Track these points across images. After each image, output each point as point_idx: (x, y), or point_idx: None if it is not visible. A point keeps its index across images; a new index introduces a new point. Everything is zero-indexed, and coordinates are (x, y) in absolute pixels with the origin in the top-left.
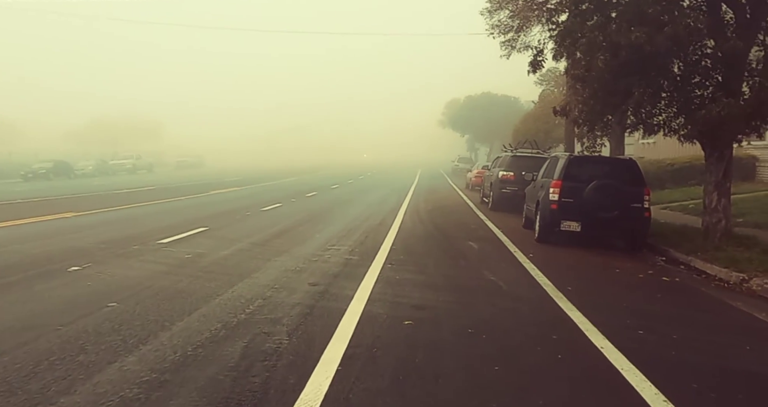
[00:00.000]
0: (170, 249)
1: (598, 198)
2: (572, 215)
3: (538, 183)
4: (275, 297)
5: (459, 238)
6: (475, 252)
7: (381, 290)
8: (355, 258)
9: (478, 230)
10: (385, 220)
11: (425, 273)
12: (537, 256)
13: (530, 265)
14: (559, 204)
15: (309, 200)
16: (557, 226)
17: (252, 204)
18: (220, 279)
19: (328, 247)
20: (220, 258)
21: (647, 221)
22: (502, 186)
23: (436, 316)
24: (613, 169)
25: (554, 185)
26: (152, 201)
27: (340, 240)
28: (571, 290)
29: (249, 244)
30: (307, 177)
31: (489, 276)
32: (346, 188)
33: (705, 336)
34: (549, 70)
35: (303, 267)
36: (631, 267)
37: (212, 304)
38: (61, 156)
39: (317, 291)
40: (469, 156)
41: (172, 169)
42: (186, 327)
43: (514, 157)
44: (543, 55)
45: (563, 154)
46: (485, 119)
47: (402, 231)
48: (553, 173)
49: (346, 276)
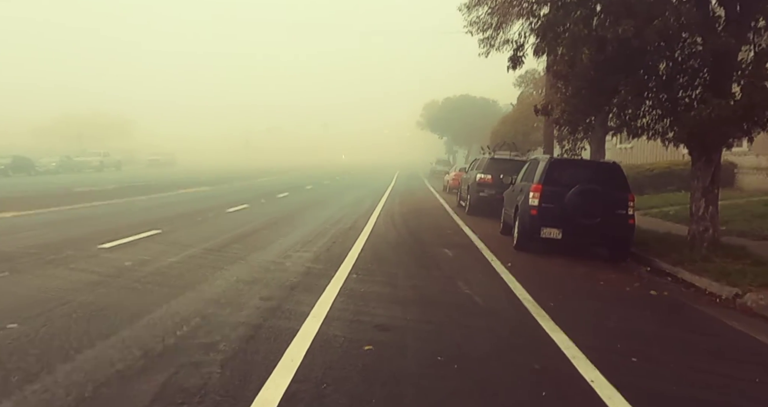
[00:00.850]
0: (109, 256)
1: (581, 203)
2: (553, 221)
3: (517, 187)
4: (217, 315)
5: (433, 245)
6: (450, 261)
7: (342, 306)
8: (319, 267)
9: (454, 236)
10: (357, 224)
11: (394, 284)
12: (516, 266)
13: (509, 276)
14: (539, 209)
15: (279, 201)
16: (537, 233)
17: (218, 205)
18: (158, 292)
19: (290, 254)
20: (165, 266)
21: (632, 229)
22: (479, 189)
23: (401, 339)
24: (595, 173)
25: (534, 189)
26: (110, 200)
27: (304, 246)
28: (554, 306)
29: (202, 250)
30: (282, 177)
31: (464, 289)
32: (321, 189)
33: (706, 366)
34: (528, 71)
35: (257, 278)
36: (616, 279)
37: (138, 325)
38: (27, 152)
39: (268, 307)
40: (448, 158)
41: (142, 168)
42: (96, 356)
43: (492, 160)
44: (523, 50)
45: (544, 156)
46: (463, 121)
47: (373, 236)
48: (533, 177)
49: (304, 288)
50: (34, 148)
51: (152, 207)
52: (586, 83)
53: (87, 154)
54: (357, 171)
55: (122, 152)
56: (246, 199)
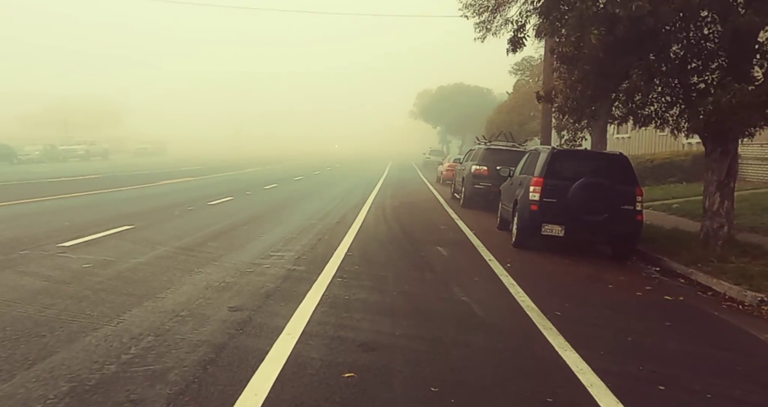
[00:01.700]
0: (68, 256)
1: (585, 198)
2: (555, 217)
3: (515, 179)
4: (175, 332)
5: (426, 242)
6: (445, 261)
7: (322, 318)
8: (300, 269)
9: (449, 232)
10: (346, 218)
11: (382, 290)
12: (516, 266)
13: (509, 279)
14: (540, 204)
15: (266, 193)
16: (537, 230)
17: (200, 196)
18: (112, 302)
19: (270, 254)
20: (128, 269)
21: (639, 225)
22: (474, 181)
23: (388, 363)
24: (601, 166)
25: (535, 183)
26: (87, 191)
27: (287, 244)
28: (561, 316)
29: (174, 249)
30: (272, 167)
31: (460, 296)
32: (311, 180)
33: (748, 396)
34: (524, 58)
35: (230, 283)
36: (625, 281)
37: (78, 346)
38: (14, 140)
39: (237, 320)
40: (441, 148)
41: (130, 157)
42: (6, 394)
43: (488, 150)
44: (524, 32)
45: (544, 147)
46: (457, 111)
47: (362, 232)
48: (533, 169)
49: (282, 295)
50: (22, 136)
51: (129, 200)
52: (594, 67)
53: (72, 143)
54: (349, 161)
55: (110, 141)
56: (231, 190)
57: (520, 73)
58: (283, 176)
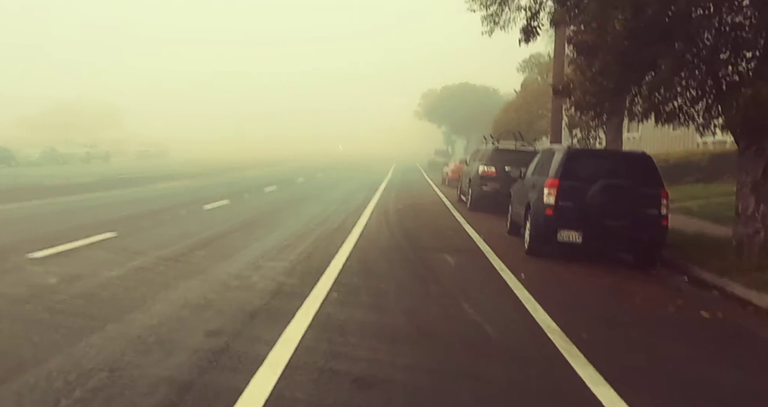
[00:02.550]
0: (36, 269)
1: (606, 201)
2: (572, 223)
3: (527, 181)
4: (135, 366)
5: (432, 250)
6: (452, 272)
7: (312, 343)
8: (292, 283)
9: (455, 237)
10: (346, 223)
11: (383, 308)
12: (531, 277)
13: (524, 293)
14: (555, 209)
15: (265, 196)
16: (553, 236)
17: (195, 200)
18: (70, 326)
19: (261, 264)
20: (98, 284)
21: (665, 231)
22: (482, 183)
23: (386, 405)
24: (622, 166)
25: (549, 185)
26: (77, 195)
27: (281, 253)
28: (588, 339)
29: (156, 259)
30: (274, 169)
31: (470, 314)
32: (313, 182)
33: None
34: (532, 55)
35: (211, 300)
36: (653, 293)
37: (6, 390)
38: (16, 143)
39: (212, 348)
40: (446, 149)
41: (131, 159)
42: None
43: (495, 151)
44: (538, 20)
45: (559, 146)
46: (462, 110)
47: (363, 239)
48: (547, 170)
49: (268, 315)
50: (23, 139)
51: (120, 204)
52: (617, 56)
53: (73, 145)
54: (353, 162)
55: (111, 143)
56: (229, 193)
57: (528, 70)
58: (284, 178)
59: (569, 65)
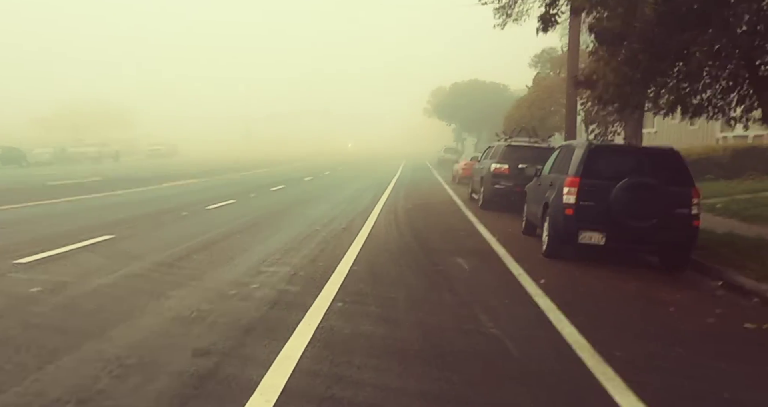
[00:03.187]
0: (19, 276)
1: (631, 201)
2: (594, 223)
3: (544, 179)
4: (107, 395)
5: (444, 252)
6: (466, 277)
7: (312, 365)
8: (294, 291)
9: (468, 238)
10: (354, 224)
11: (392, 320)
12: (551, 283)
13: (546, 301)
14: (576, 208)
15: (271, 196)
16: (573, 238)
17: (200, 200)
18: (44, 344)
19: (262, 269)
20: (84, 293)
21: (695, 232)
22: (494, 181)
23: None
24: (648, 163)
25: (569, 183)
26: (80, 195)
27: (284, 256)
28: (622, 358)
29: (151, 265)
30: (282, 168)
31: (489, 327)
32: (320, 181)
33: None
34: (545, 50)
35: (204, 312)
36: (687, 302)
37: None
38: (28, 143)
39: (199, 371)
40: (456, 146)
41: (142, 158)
42: None
43: (508, 147)
44: (557, 7)
45: (580, 142)
46: (472, 107)
47: (371, 240)
48: (566, 167)
49: (265, 329)
50: (35, 139)
51: (122, 204)
52: (645, 45)
53: (83, 145)
54: (362, 160)
55: (122, 142)
56: (235, 192)
57: (540, 65)
58: (292, 177)
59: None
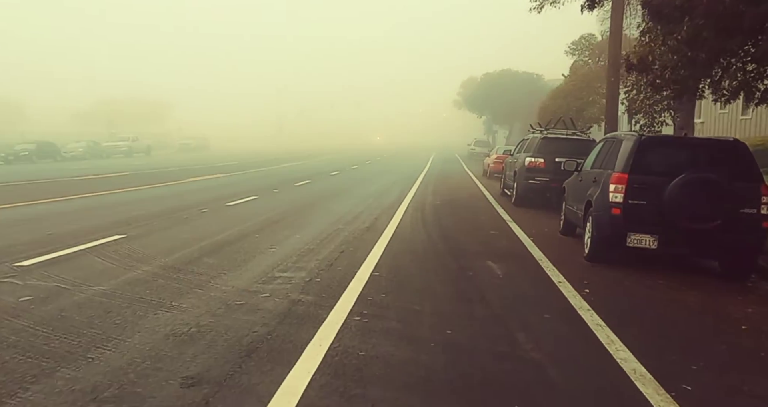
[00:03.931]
0: (13, 282)
1: (689, 199)
2: (645, 225)
3: (586, 175)
4: None
5: (474, 255)
6: (500, 285)
7: (318, 400)
8: (308, 300)
9: (501, 239)
10: (378, 222)
11: (415, 339)
12: (597, 293)
13: (592, 316)
14: (624, 208)
15: (295, 191)
16: (621, 241)
17: (222, 196)
18: (12, 368)
19: (275, 274)
20: (77, 303)
21: (764, 235)
22: (529, 175)
23: None
24: (707, 156)
25: (616, 180)
26: (104, 191)
27: (301, 259)
28: (695, 394)
29: (157, 269)
30: (310, 162)
31: (528, 349)
32: (347, 175)
33: None
34: (583, 36)
35: (204, 328)
36: (760, 317)
37: None
38: (66, 137)
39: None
40: (487, 139)
41: (173, 152)
42: None
43: (545, 139)
44: None
45: (628, 133)
46: (504, 98)
47: (396, 241)
48: (613, 162)
49: (270, 350)
50: (74, 132)
51: (141, 201)
52: (713, 20)
53: (115, 139)
54: (390, 153)
55: (153, 136)
56: (258, 188)
57: (578, 53)
58: (319, 171)
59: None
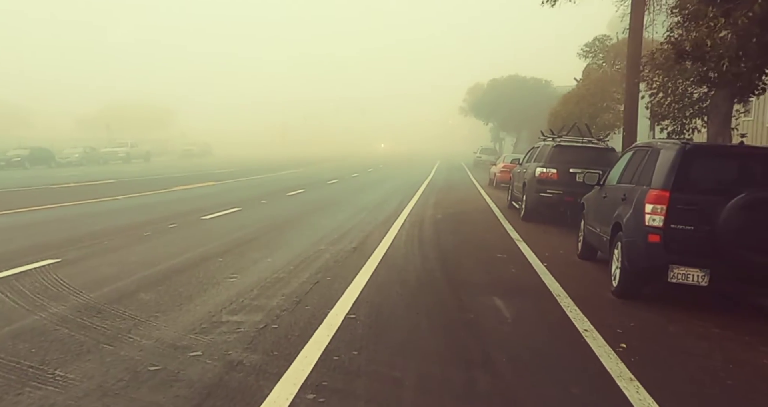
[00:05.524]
0: None
1: (751, 225)
2: (693, 255)
3: (612, 190)
4: None
5: (477, 287)
6: (508, 335)
7: None
8: (251, 363)
9: (509, 264)
10: (369, 241)
11: None
12: (637, 350)
13: (638, 392)
14: (665, 234)
15: (284, 202)
16: (660, 274)
17: (201, 208)
18: None
19: (221, 318)
20: None
21: None
22: (540, 188)
23: None
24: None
25: (654, 199)
26: (69, 202)
27: (261, 295)
28: None
29: (70, 310)
30: (309, 169)
31: None
32: (346, 184)
33: None
34: (597, 38)
35: None
36: None
37: None
38: (67, 143)
39: None
40: (493, 146)
41: (174, 158)
42: None
43: (557, 148)
44: None
45: (665, 142)
46: (512, 105)
47: (385, 266)
48: (648, 176)
49: None
50: (78, 138)
51: (111, 212)
52: None
53: (114, 145)
54: (394, 161)
55: (154, 142)
56: (245, 198)
57: (591, 55)
58: (316, 179)
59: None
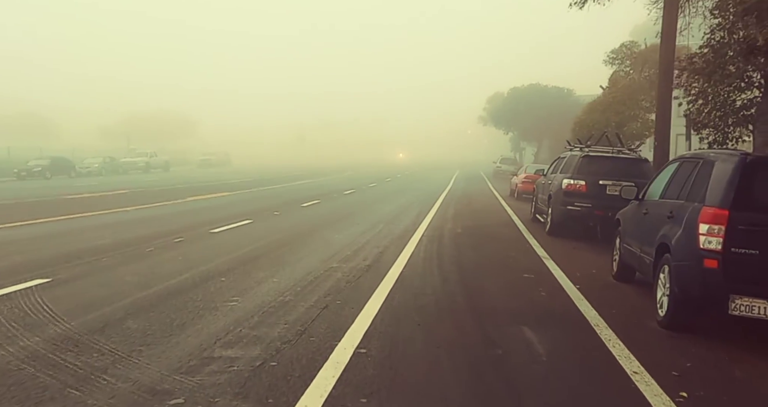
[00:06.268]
0: None
1: None
2: (760, 284)
3: (655, 207)
4: None
5: (504, 315)
6: (543, 381)
7: None
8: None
9: (537, 286)
10: (384, 258)
11: None
12: (700, 396)
13: None
14: (724, 259)
15: (298, 213)
16: (720, 305)
17: (212, 220)
18: None
19: (214, 353)
20: None
21: None
22: (567, 200)
23: None
24: None
25: (711, 218)
26: (77, 214)
27: (261, 323)
28: None
29: (44, 343)
30: (326, 179)
31: None
32: (362, 194)
33: None
34: (624, 44)
35: None
36: None
37: None
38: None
39: None
40: (514, 156)
41: (192, 168)
42: None
43: (586, 158)
44: None
45: (718, 153)
46: (533, 114)
47: (400, 288)
48: (700, 192)
49: None
50: (102, 148)
51: (114, 226)
52: None
53: (133, 155)
54: (412, 171)
55: (173, 152)
56: (258, 209)
57: (618, 62)
58: (332, 190)
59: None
